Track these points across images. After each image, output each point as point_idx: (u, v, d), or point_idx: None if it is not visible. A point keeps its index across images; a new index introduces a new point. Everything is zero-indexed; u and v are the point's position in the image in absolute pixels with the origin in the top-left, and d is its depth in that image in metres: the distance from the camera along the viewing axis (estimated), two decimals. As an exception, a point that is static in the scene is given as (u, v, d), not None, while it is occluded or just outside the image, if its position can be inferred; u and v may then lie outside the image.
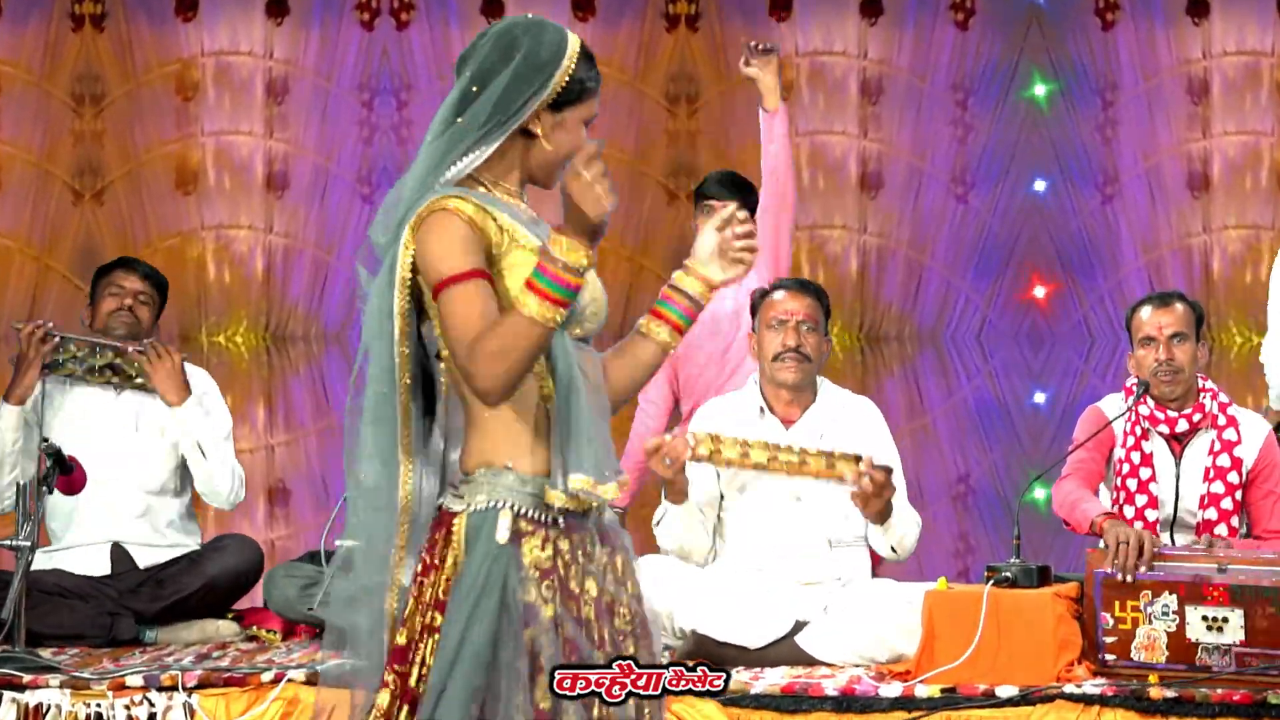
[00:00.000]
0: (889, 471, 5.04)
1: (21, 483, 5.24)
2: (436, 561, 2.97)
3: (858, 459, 5.00)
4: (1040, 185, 7.53)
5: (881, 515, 5.14)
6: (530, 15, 3.08)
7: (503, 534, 2.94)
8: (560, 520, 2.97)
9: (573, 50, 3.03)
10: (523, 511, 2.95)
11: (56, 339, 5.68)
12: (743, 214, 3.15)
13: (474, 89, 3.00)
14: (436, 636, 2.93)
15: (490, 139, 3.01)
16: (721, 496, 5.41)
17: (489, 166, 3.03)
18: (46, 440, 5.38)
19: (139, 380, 5.75)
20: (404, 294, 2.96)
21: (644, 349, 3.10)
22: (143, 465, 5.79)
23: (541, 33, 3.03)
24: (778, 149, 6.01)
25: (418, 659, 2.95)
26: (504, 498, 2.95)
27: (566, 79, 3.02)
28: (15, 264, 7.56)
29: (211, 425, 5.80)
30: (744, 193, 6.22)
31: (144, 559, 5.73)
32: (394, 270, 2.97)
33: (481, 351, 2.86)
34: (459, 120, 3.00)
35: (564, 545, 2.97)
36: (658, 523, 5.38)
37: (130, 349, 5.74)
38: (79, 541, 5.73)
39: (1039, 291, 7.54)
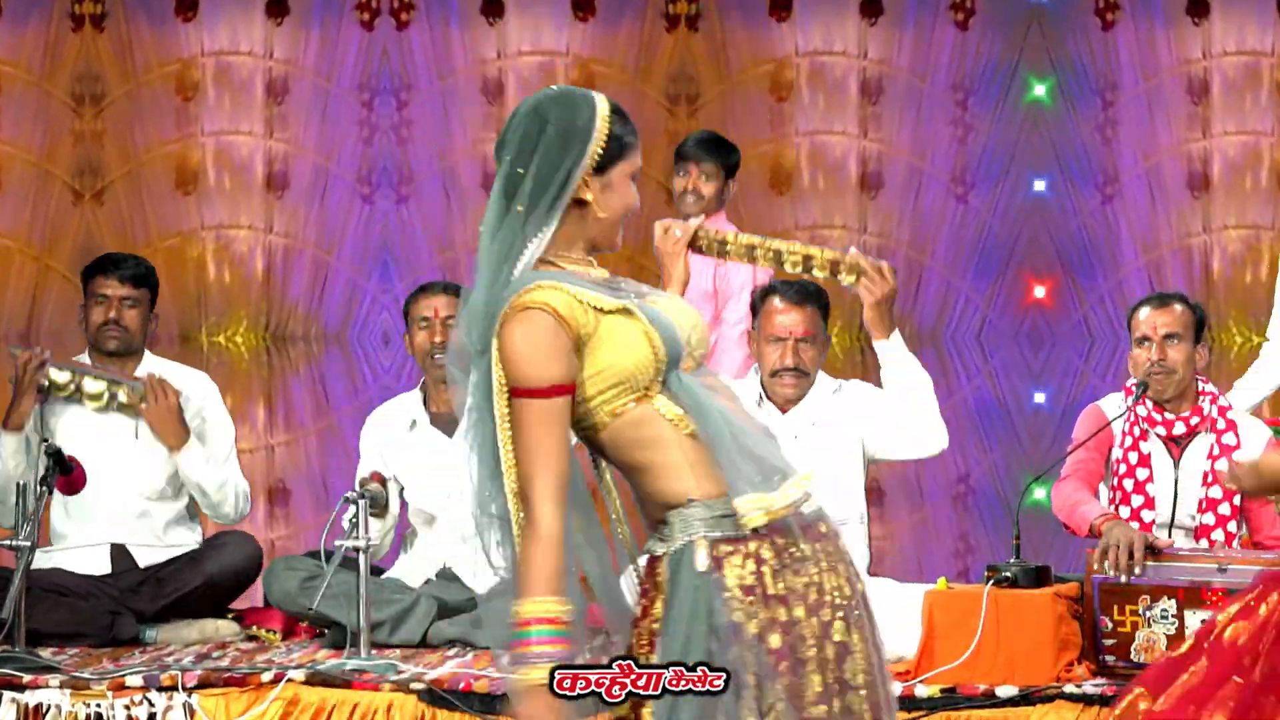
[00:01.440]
0: (891, 269, 4.91)
1: (21, 483, 5.23)
2: (646, 603, 3.01)
3: (859, 263, 4.77)
4: (1040, 185, 7.53)
5: (887, 316, 5.00)
6: (555, 87, 3.10)
7: (702, 562, 2.95)
8: (761, 529, 2.98)
9: (603, 111, 3.04)
10: (720, 535, 2.97)
11: (51, 368, 5.62)
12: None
13: (519, 171, 3.00)
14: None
15: (550, 218, 3.00)
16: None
17: (553, 245, 3.02)
18: (46, 440, 5.38)
19: (139, 407, 5.72)
20: (503, 401, 2.96)
21: None
22: (142, 471, 5.78)
23: (570, 101, 3.04)
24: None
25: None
26: (697, 529, 2.97)
27: (605, 139, 3.02)
28: (15, 264, 7.56)
29: (211, 459, 5.77)
30: (723, 152, 6.24)
31: (144, 558, 5.73)
32: (489, 379, 2.97)
33: (532, 498, 2.91)
34: (516, 207, 3.00)
35: (768, 554, 2.98)
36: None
37: (126, 384, 5.69)
38: (79, 542, 5.73)
39: (1039, 291, 7.54)
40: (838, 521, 5.23)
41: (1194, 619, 4.77)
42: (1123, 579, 4.82)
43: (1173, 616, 4.80)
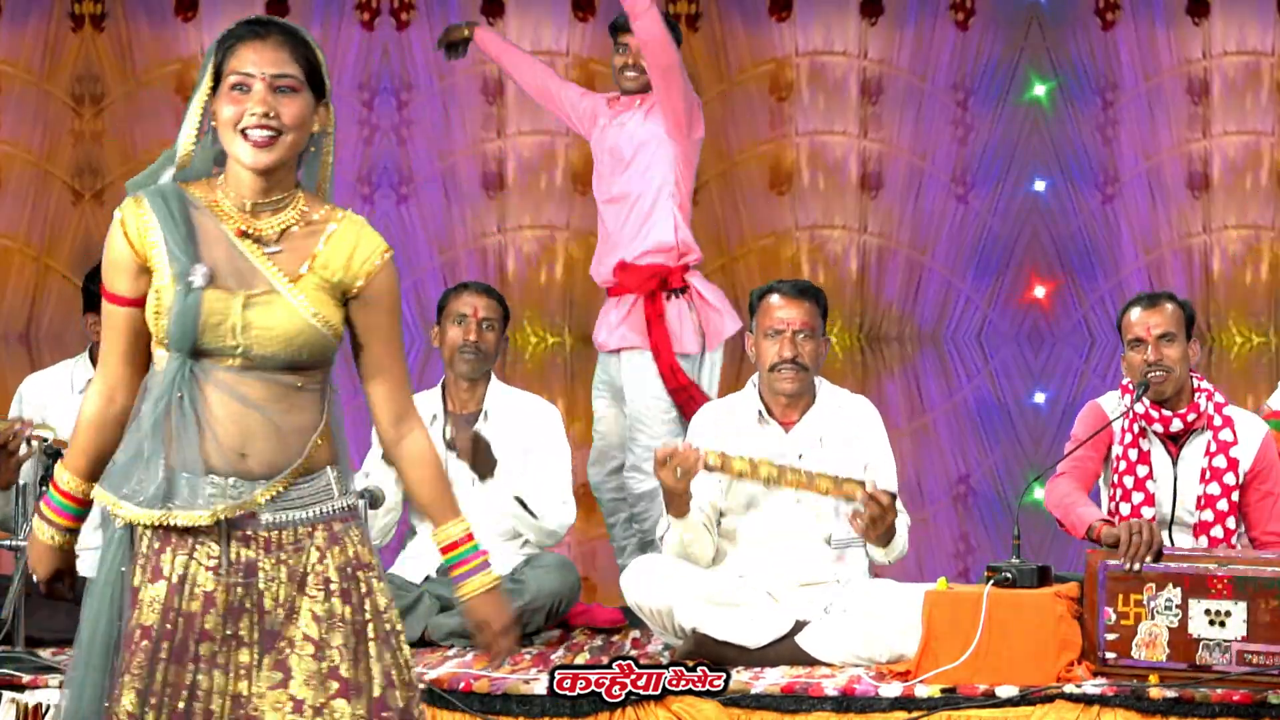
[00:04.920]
0: (892, 497, 5.05)
1: (21, 483, 5.23)
2: None
3: (862, 484, 5.01)
4: (1040, 185, 7.53)
5: (884, 539, 5.15)
6: None
7: None
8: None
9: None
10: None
11: (36, 442, 5.52)
12: None
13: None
14: None
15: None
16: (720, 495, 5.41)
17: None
18: (46, 440, 5.36)
19: None
20: None
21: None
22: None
23: None
24: (642, 24, 5.94)
25: None
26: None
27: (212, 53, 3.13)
28: (15, 264, 7.56)
29: None
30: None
31: (143, 560, 5.71)
32: None
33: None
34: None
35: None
36: (660, 537, 5.38)
37: None
38: (77, 544, 5.71)
39: (1039, 291, 7.54)
40: (842, 542, 5.29)
41: (1198, 609, 4.77)
42: (1137, 567, 4.82)
43: (1177, 606, 4.80)
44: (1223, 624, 4.76)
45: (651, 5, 5.92)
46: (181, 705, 3.00)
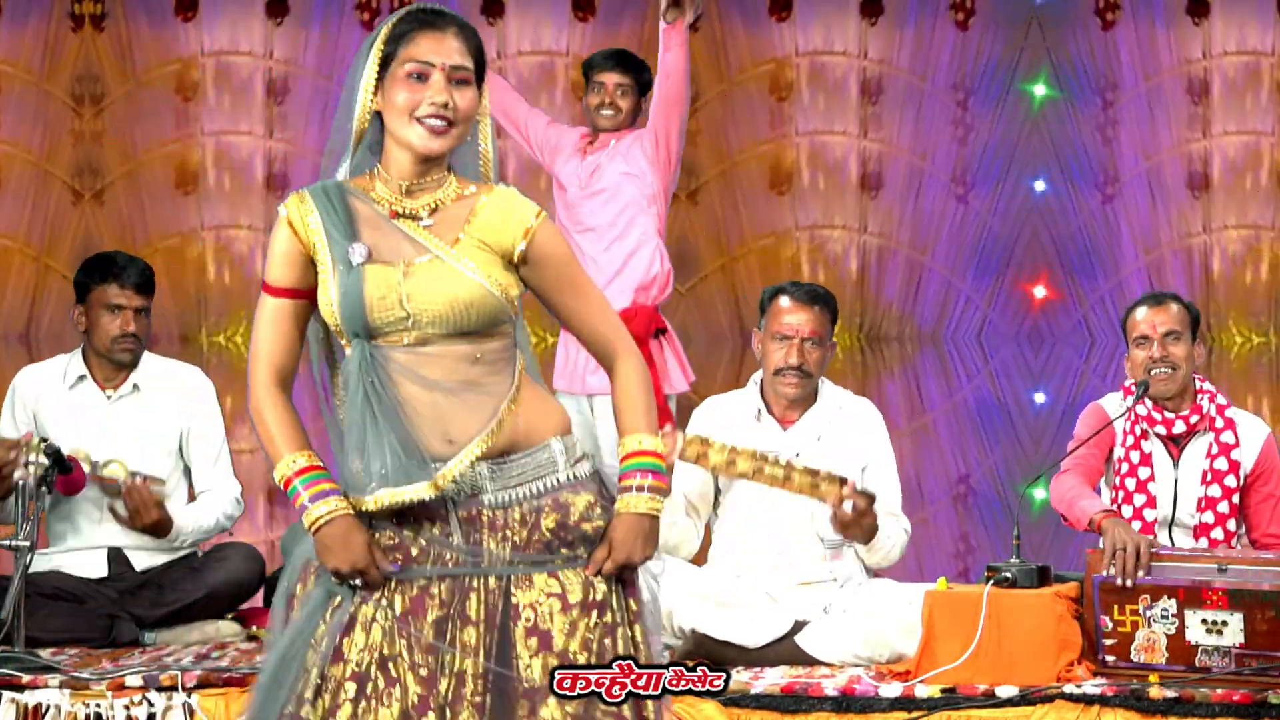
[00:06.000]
0: (871, 499, 5.05)
1: (21, 483, 5.22)
2: None
3: (843, 482, 5.01)
4: (1040, 185, 7.53)
5: (862, 538, 5.15)
6: None
7: None
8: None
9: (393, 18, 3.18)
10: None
11: (33, 458, 5.48)
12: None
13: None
14: None
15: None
16: (717, 492, 5.41)
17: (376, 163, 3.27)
18: (46, 440, 5.36)
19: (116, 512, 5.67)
20: None
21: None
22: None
23: None
24: (674, 56, 5.94)
25: None
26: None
27: (383, 41, 3.17)
28: (15, 264, 7.56)
29: (197, 511, 5.75)
30: (633, 69, 6.21)
31: (140, 562, 5.71)
32: None
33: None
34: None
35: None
36: None
37: (105, 487, 5.63)
38: (76, 545, 5.72)
39: (1039, 291, 7.54)
40: (833, 542, 5.28)
41: (1194, 618, 4.77)
42: (1128, 583, 4.82)
43: (1173, 616, 4.80)
44: (1220, 632, 4.76)
45: (686, 40, 5.93)
46: (414, 687, 3.02)
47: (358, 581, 3.04)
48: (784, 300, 5.41)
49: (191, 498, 5.90)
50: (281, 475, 3.10)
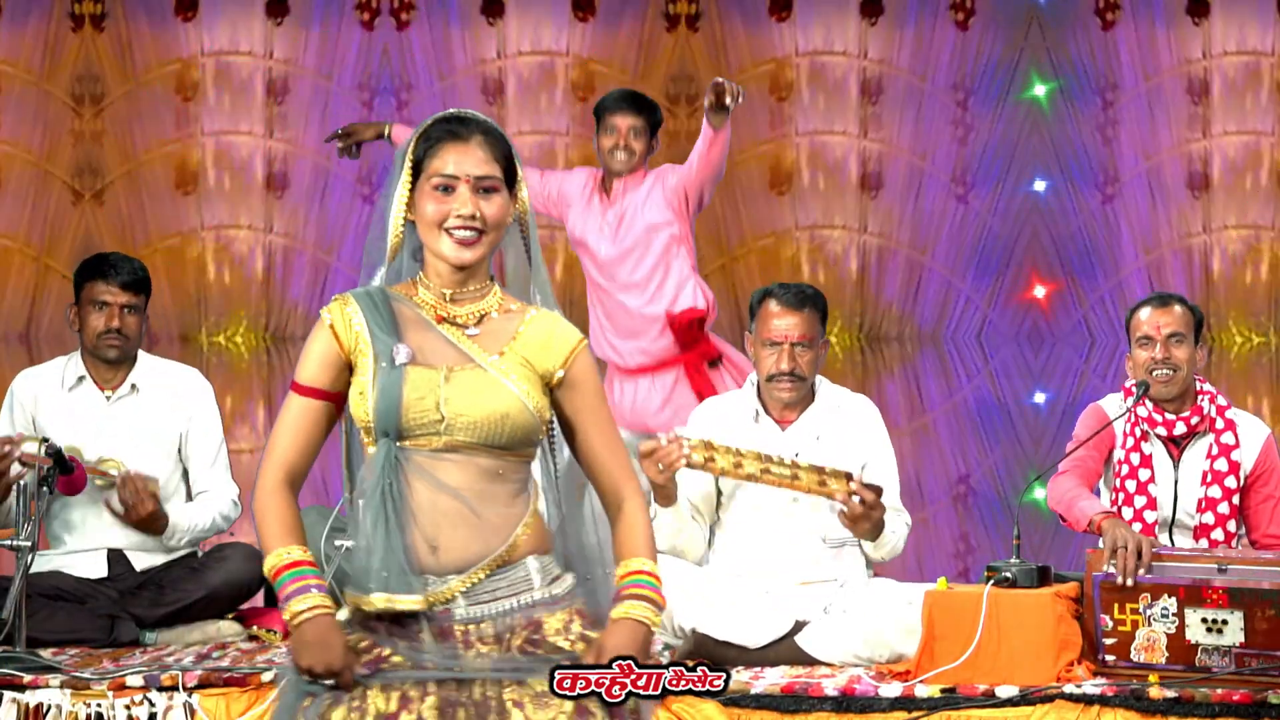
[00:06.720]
0: (879, 492, 5.05)
1: (21, 483, 5.22)
2: None
3: (849, 477, 5.01)
4: (1040, 185, 7.53)
5: (871, 534, 5.15)
6: None
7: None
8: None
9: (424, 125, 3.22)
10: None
11: (27, 459, 5.46)
12: None
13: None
14: None
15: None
16: (719, 494, 5.41)
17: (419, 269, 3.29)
18: (46, 440, 5.35)
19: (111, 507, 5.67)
20: None
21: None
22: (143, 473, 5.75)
23: None
24: (724, 136, 6.03)
25: None
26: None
27: (412, 150, 3.22)
28: (15, 264, 7.56)
29: (192, 509, 5.75)
30: (645, 111, 6.24)
31: (140, 562, 5.71)
32: None
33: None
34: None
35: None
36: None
37: (101, 480, 5.61)
38: (77, 545, 5.71)
39: (1039, 291, 7.54)
40: (837, 540, 5.28)
41: (1194, 617, 4.78)
42: (1128, 582, 4.82)
43: (1173, 615, 4.80)
44: (1220, 631, 4.76)
45: (729, 123, 6.00)
46: None
47: (328, 683, 3.02)
48: (772, 305, 5.40)
49: (190, 499, 5.90)
50: (271, 566, 3.09)
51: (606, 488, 3.20)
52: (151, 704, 4.85)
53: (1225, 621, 4.74)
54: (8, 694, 4.86)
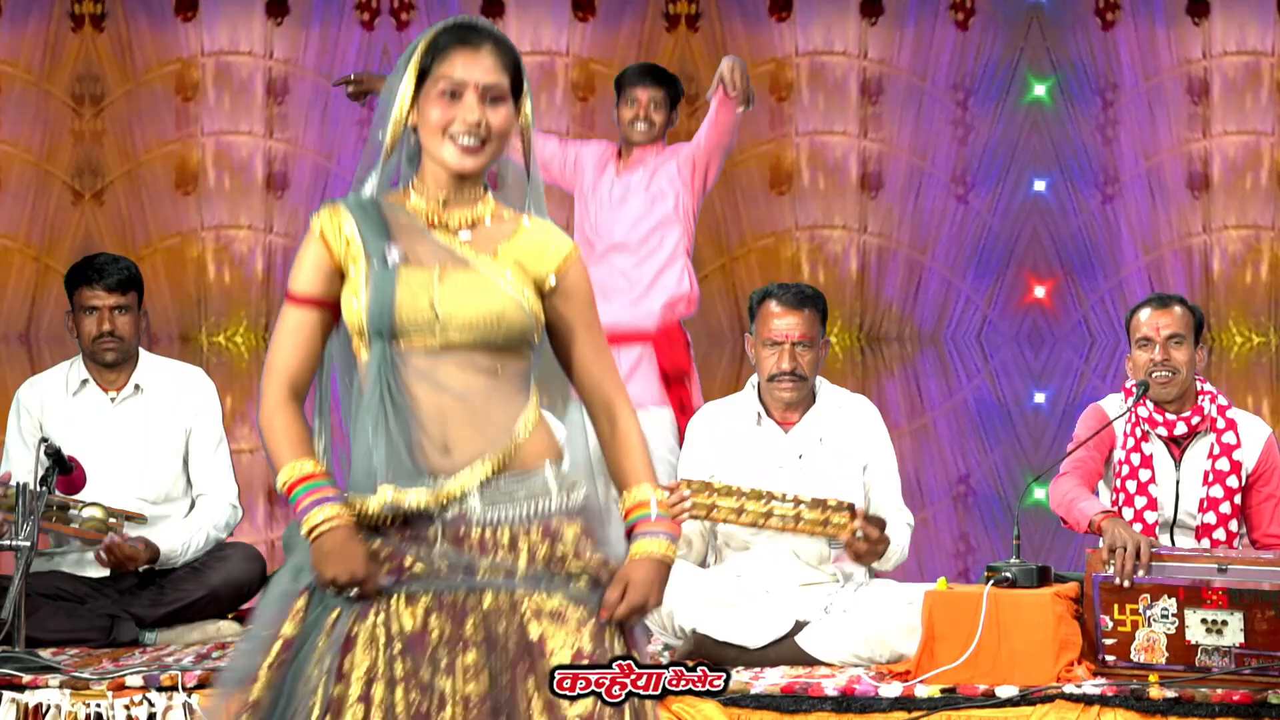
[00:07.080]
0: (882, 526, 5.05)
1: (21, 483, 5.22)
2: None
3: (852, 510, 5.01)
4: (1040, 185, 7.53)
5: (876, 562, 5.17)
6: None
7: None
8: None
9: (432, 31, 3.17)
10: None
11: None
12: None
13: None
14: None
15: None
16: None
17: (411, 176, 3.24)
18: (46, 440, 5.36)
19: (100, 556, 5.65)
20: None
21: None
22: (141, 475, 5.75)
23: None
24: (732, 114, 6.10)
25: None
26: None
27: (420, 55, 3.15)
28: (15, 264, 7.56)
29: (183, 527, 5.74)
30: (665, 83, 6.27)
31: (140, 563, 5.71)
32: None
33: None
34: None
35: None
36: None
37: (85, 543, 5.60)
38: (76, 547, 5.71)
39: (1039, 291, 7.54)
40: (838, 543, 5.28)
41: (1194, 618, 4.78)
42: (1127, 583, 4.82)
43: (1173, 616, 4.80)
44: (1220, 632, 4.76)
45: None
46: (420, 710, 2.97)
47: (354, 593, 3.00)
48: (772, 305, 5.40)
49: (191, 500, 5.90)
50: (284, 481, 3.07)
51: (597, 400, 3.18)
52: (151, 704, 4.85)
53: (1225, 622, 4.75)
54: (7, 694, 4.86)
